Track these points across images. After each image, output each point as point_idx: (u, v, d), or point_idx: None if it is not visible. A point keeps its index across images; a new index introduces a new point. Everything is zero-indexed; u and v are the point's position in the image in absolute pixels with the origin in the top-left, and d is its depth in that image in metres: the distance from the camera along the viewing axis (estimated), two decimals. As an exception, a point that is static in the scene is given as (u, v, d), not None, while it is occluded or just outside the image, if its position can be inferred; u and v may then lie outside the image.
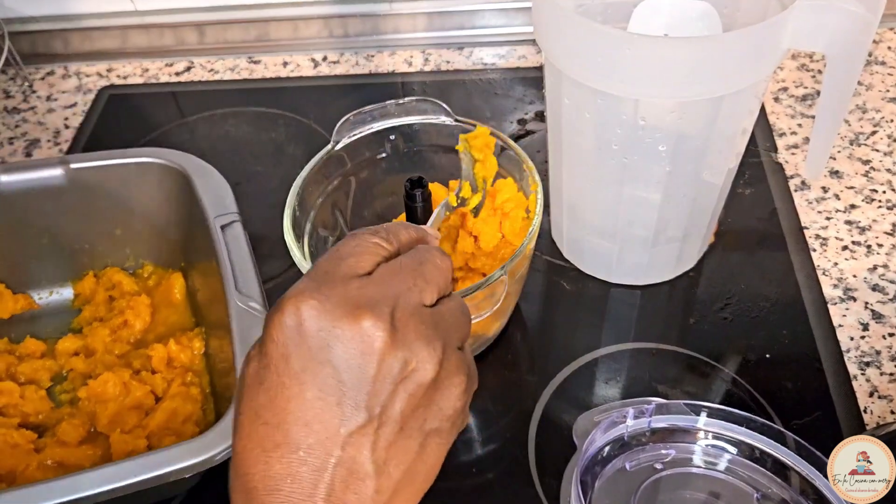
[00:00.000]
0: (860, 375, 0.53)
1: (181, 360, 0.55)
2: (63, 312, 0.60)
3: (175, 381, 0.53)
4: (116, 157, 0.57)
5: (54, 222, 0.58)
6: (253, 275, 0.50)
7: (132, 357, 0.55)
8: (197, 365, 0.55)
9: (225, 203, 0.54)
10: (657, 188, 0.51)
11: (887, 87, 0.74)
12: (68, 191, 0.57)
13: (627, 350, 0.55)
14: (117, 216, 0.59)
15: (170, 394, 0.52)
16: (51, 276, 0.60)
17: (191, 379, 0.54)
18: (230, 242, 0.51)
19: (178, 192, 0.57)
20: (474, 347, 0.54)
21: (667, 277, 0.59)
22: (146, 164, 0.58)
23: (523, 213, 0.53)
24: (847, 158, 0.67)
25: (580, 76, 0.45)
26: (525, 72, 0.79)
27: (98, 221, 0.59)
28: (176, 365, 0.55)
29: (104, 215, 0.59)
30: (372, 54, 0.83)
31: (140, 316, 0.57)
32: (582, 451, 0.44)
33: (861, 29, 0.42)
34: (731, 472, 0.46)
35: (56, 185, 0.56)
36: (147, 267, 0.62)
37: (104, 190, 0.58)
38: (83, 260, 0.60)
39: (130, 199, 0.59)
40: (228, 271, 0.49)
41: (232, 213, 0.53)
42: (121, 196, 0.58)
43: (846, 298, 0.57)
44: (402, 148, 0.57)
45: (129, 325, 0.57)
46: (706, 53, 0.42)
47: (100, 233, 0.60)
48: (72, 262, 0.60)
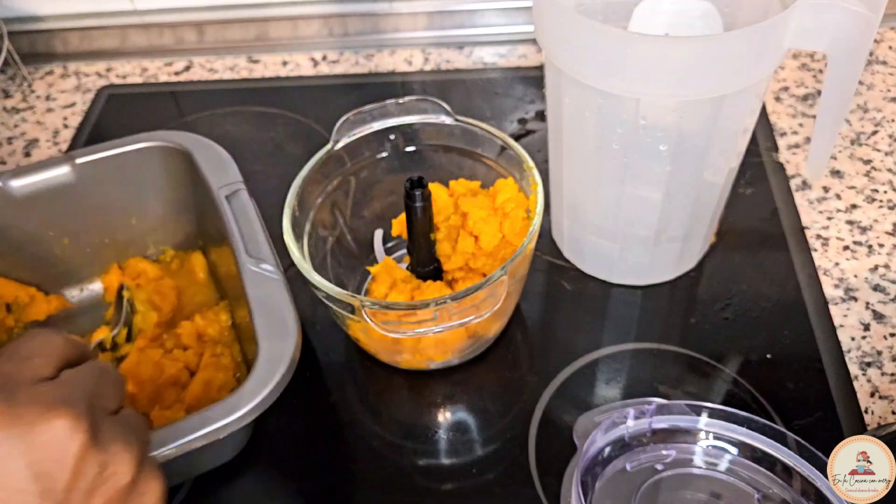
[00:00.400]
0: (861, 376, 0.53)
1: (210, 334, 0.56)
2: (96, 307, 0.60)
3: (206, 354, 0.54)
4: (117, 147, 0.58)
5: (71, 220, 0.58)
6: (262, 238, 0.50)
7: (164, 338, 0.56)
8: (226, 336, 0.56)
9: (228, 173, 0.55)
10: (658, 188, 0.50)
11: (888, 86, 0.74)
12: (78, 187, 0.57)
13: (628, 350, 0.55)
14: (130, 206, 0.60)
15: (202, 366, 0.54)
16: (79, 274, 0.61)
17: (220, 350, 0.55)
18: (237, 210, 0.52)
19: (183, 171, 0.58)
20: (475, 348, 0.54)
21: (668, 277, 0.59)
22: (147, 149, 0.58)
23: (523, 213, 0.53)
24: (848, 158, 0.67)
25: (581, 75, 0.45)
26: (525, 71, 0.79)
27: (112, 214, 0.60)
28: (205, 339, 0.56)
29: (117, 207, 0.60)
30: (372, 53, 0.83)
31: (167, 298, 0.58)
32: (582, 451, 0.44)
33: (862, 28, 0.42)
34: (731, 473, 0.46)
35: (65, 182, 0.57)
36: (168, 252, 0.63)
37: (112, 180, 0.58)
38: (106, 254, 0.61)
39: (139, 186, 0.59)
40: (237, 237, 0.50)
41: (236, 182, 0.54)
42: (129, 185, 0.59)
43: (847, 298, 0.57)
44: (402, 147, 0.57)
45: (158, 308, 0.58)
46: (707, 53, 0.42)
47: (117, 225, 0.60)
48: (96, 258, 0.61)
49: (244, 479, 0.51)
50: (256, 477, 0.51)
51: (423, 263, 0.54)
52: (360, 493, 0.49)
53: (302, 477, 0.50)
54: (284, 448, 0.52)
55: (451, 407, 0.53)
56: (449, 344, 0.52)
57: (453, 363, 0.54)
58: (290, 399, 0.54)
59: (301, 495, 0.50)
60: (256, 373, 0.44)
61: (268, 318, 0.46)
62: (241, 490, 0.50)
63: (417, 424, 0.52)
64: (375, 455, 0.51)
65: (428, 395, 0.54)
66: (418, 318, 0.45)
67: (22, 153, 0.76)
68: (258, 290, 0.47)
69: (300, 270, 0.48)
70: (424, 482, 0.49)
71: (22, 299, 0.58)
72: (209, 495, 0.50)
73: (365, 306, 0.45)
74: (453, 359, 0.54)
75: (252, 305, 0.46)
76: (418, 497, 0.49)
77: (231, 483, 0.50)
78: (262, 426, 0.52)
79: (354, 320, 0.48)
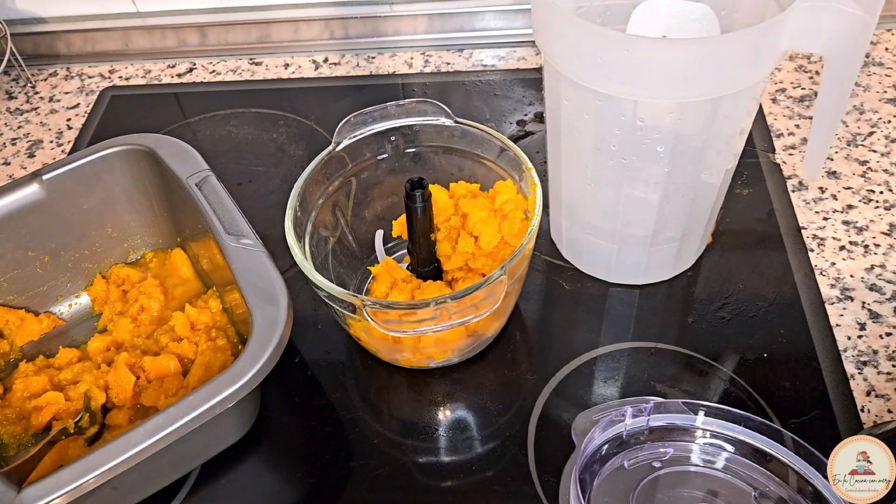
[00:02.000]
0: (857, 375, 0.53)
1: (203, 322, 0.57)
2: (86, 319, 0.61)
3: (201, 340, 0.55)
4: (81, 157, 0.58)
5: (48, 238, 0.59)
6: (238, 216, 0.52)
7: (158, 335, 0.57)
8: (220, 322, 0.57)
9: (193, 163, 0.56)
10: (656, 188, 0.51)
11: (885, 87, 0.74)
12: (49, 203, 0.58)
13: (626, 349, 0.56)
14: (104, 215, 0.61)
15: (199, 351, 0.54)
16: (65, 290, 0.61)
17: (215, 334, 0.56)
18: (208, 195, 0.53)
19: (150, 171, 0.59)
20: (474, 346, 0.55)
21: (665, 277, 0.59)
22: (112, 155, 0.59)
23: (522, 215, 0.54)
24: (844, 159, 0.68)
25: (579, 77, 0.46)
26: (524, 73, 0.80)
27: (88, 225, 0.60)
28: (199, 327, 0.57)
29: (91, 217, 0.60)
30: (372, 56, 0.83)
31: (153, 297, 0.59)
32: (581, 449, 0.44)
33: (859, 30, 0.42)
34: (728, 471, 0.46)
35: (36, 200, 0.57)
36: (147, 254, 0.63)
37: (82, 192, 0.59)
38: (88, 266, 0.62)
39: (110, 193, 0.60)
40: (214, 219, 0.52)
41: (203, 170, 0.55)
42: (100, 194, 0.60)
43: (843, 298, 0.57)
44: (403, 149, 0.58)
45: (146, 308, 0.58)
46: (704, 55, 0.42)
47: (94, 236, 0.61)
48: (79, 271, 0.61)
49: (247, 477, 0.51)
50: (259, 474, 0.51)
51: (423, 263, 0.54)
52: (361, 489, 0.50)
53: (304, 474, 0.51)
54: (286, 445, 0.53)
55: (450, 405, 0.54)
56: (449, 343, 0.52)
57: (453, 362, 0.55)
58: (291, 397, 0.55)
59: (303, 492, 0.50)
60: (255, 339, 0.45)
61: (256, 288, 0.47)
62: (244, 487, 0.51)
63: (417, 422, 0.53)
64: (376, 452, 0.51)
65: (428, 393, 0.54)
66: (418, 317, 0.46)
67: (25, 154, 0.76)
68: (242, 265, 0.49)
69: (302, 270, 0.48)
70: (424, 479, 0.50)
71: (13, 322, 0.58)
72: (212, 494, 0.50)
73: (366, 305, 0.45)
74: (453, 357, 0.55)
75: (239, 279, 0.48)
76: (418, 494, 0.49)
77: (234, 480, 0.51)
78: (265, 423, 0.53)
79: (355, 319, 0.48)
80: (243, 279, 0.48)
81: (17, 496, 0.40)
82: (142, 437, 0.42)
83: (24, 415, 0.53)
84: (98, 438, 0.52)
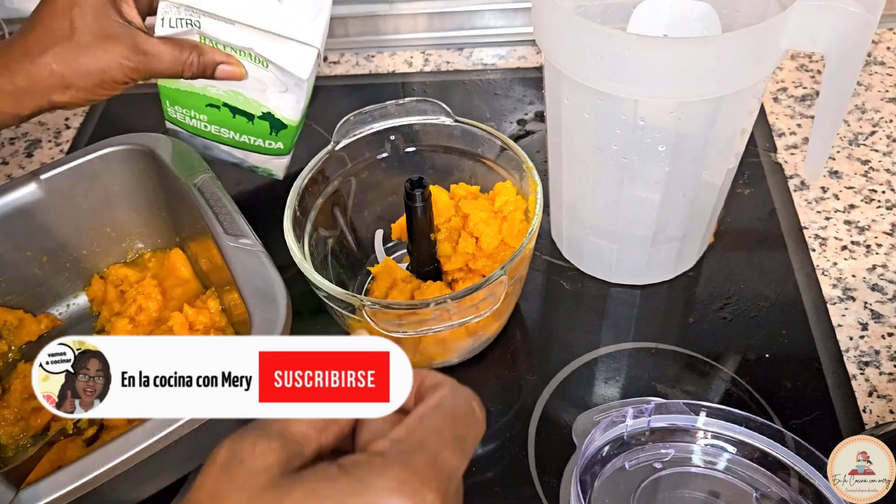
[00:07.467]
0: (859, 375, 0.53)
1: (201, 322, 0.56)
2: (85, 319, 0.61)
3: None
4: (80, 157, 0.58)
5: (46, 238, 0.58)
6: (236, 216, 0.52)
7: (156, 335, 0.57)
8: (218, 322, 0.57)
9: (192, 164, 0.56)
10: (657, 188, 0.51)
11: (886, 87, 0.74)
12: (47, 203, 0.57)
13: (627, 350, 0.55)
14: (103, 215, 0.60)
15: None
16: (63, 291, 0.61)
17: (214, 334, 0.55)
18: (208, 195, 0.53)
19: (149, 171, 0.59)
20: (474, 347, 0.55)
21: (666, 277, 0.59)
22: (110, 154, 0.58)
23: (522, 216, 0.53)
24: (846, 158, 0.67)
25: (580, 76, 0.46)
26: (525, 72, 0.79)
27: (86, 225, 0.60)
28: (198, 327, 0.56)
29: (90, 217, 0.60)
30: (372, 55, 0.83)
31: (151, 297, 0.58)
32: (581, 450, 0.44)
33: (860, 29, 0.42)
34: (730, 472, 0.46)
35: (34, 200, 0.57)
36: (145, 254, 0.63)
37: (80, 191, 0.58)
38: (86, 266, 0.61)
39: (108, 193, 0.60)
40: (213, 220, 0.51)
41: (202, 169, 0.55)
42: (98, 193, 0.59)
43: (845, 298, 0.57)
44: (403, 148, 0.58)
45: (144, 308, 0.58)
46: (705, 54, 0.42)
47: (92, 236, 0.61)
48: (77, 271, 0.61)
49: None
50: (257, 475, 0.51)
51: (423, 264, 0.54)
52: (361, 491, 0.50)
53: (303, 475, 0.51)
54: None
55: (451, 406, 0.53)
56: (449, 343, 0.52)
57: (453, 362, 0.55)
58: (290, 398, 0.55)
59: (302, 494, 0.50)
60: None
61: (255, 289, 0.47)
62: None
63: (418, 423, 0.53)
64: (376, 454, 0.51)
65: (428, 394, 0.54)
66: (419, 317, 0.46)
67: (24, 153, 0.76)
68: (241, 265, 0.48)
69: (301, 270, 0.48)
70: (424, 481, 0.50)
71: (11, 323, 0.58)
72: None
73: (365, 306, 0.45)
74: (453, 358, 0.54)
75: (238, 279, 0.48)
76: (418, 495, 0.49)
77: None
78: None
79: (355, 320, 0.48)
80: (242, 279, 0.48)
81: (16, 497, 0.40)
82: (140, 437, 0.41)
83: (22, 415, 0.53)
84: (96, 439, 0.52)
